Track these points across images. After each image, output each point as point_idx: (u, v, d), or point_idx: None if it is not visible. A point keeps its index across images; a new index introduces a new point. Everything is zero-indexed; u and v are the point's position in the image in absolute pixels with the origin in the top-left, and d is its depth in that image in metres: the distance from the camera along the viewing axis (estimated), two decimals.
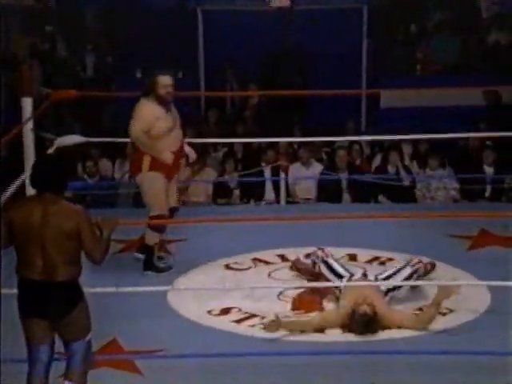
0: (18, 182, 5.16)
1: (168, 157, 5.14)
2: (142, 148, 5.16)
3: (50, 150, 5.49)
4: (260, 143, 8.41)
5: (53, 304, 3.45)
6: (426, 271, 5.17)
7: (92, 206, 6.54)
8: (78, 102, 7.20)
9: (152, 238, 5.28)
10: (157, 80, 5.11)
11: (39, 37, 10.22)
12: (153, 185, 5.18)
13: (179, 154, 5.28)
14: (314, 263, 5.10)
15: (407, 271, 4.91)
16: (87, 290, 3.60)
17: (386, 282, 4.78)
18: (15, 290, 3.54)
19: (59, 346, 3.62)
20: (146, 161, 5.16)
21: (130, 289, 4.59)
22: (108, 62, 10.10)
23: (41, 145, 5.80)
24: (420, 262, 5.02)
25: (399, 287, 4.81)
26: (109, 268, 3.67)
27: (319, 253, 5.11)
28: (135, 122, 5.11)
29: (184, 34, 9.80)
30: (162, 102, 5.11)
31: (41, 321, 3.48)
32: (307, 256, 5.29)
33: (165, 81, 5.11)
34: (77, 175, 7.67)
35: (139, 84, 9.38)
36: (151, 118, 5.10)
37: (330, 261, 5.01)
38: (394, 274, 4.90)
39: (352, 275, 4.86)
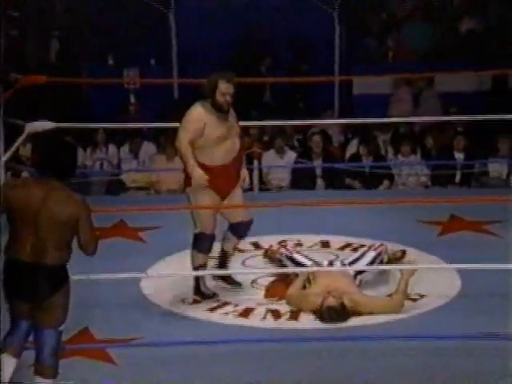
0: None
1: (199, 176, 4.60)
2: (181, 160, 4.67)
3: (21, 137, 5.40)
4: None
5: (37, 285, 3.44)
6: (397, 258, 5.23)
7: None
8: (48, 89, 7.09)
9: (197, 260, 4.79)
10: (217, 85, 4.57)
11: (8, 22, 10.08)
12: (198, 201, 4.71)
13: (233, 166, 4.71)
14: (280, 261, 5.12)
15: (371, 254, 5.01)
16: None
17: (352, 267, 4.83)
18: None
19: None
20: None
21: (101, 276, 4.57)
22: (73, 48, 9.97)
23: (11, 132, 5.72)
24: (382, 245, 5.11)
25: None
26: (80, 255, 3.64)
27: (283, 250, 5.14)
28: (181, 131, 4.61)
29: (156, 21, 9.72)
30: (219, 108, 4.61)
31: (22, 304, 3.47)
32: (279, 244, 5.29)
33: (226, 88, 4.56)
34: None
35: (111, 71, 9.40)
36: (198, 124, 4.58)
37: (295, 256, 5.05)
38: (359, 258, 5.00)
39: (319, 264, 4.89)
